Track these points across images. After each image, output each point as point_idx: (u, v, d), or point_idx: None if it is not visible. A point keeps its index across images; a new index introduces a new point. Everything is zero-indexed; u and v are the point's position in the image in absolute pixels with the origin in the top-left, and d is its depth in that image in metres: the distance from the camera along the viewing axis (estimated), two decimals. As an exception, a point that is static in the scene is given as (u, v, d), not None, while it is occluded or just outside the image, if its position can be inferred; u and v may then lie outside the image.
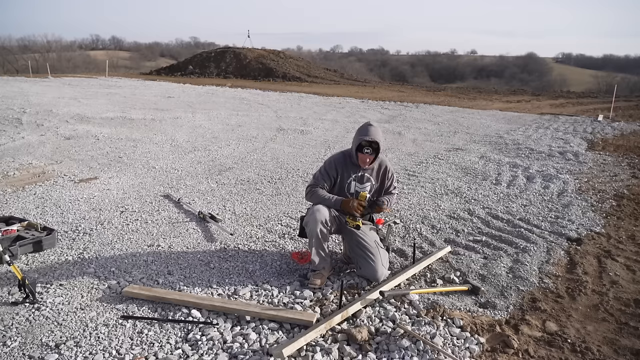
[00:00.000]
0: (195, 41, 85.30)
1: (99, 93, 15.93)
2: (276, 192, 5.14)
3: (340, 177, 3.16)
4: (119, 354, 2.33)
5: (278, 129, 9.38)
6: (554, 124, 10.77)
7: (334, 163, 3.16)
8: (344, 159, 3.17)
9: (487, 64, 66.26)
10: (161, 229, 4.01)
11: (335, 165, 3.15)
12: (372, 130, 3.00)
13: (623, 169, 6.44)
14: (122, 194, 4.96)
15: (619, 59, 71.77)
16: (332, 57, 69.47)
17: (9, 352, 2.32)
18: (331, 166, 3.15)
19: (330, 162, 3.18)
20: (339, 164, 3.16)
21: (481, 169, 6.40)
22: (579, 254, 3.59)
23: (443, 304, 2.81)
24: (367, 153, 3.02)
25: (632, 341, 2.51)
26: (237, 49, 32.10)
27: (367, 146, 3.00)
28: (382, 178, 3.22)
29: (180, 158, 6.68)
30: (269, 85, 22.41)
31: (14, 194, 4.85)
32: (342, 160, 3.17)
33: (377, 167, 3.19)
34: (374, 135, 2.98)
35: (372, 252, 3.04)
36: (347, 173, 3.15)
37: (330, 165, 3.16)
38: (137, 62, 55.88)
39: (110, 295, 2.89)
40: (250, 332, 2.50)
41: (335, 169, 3.14)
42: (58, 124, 9.19)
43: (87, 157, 6.61)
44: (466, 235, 3.99)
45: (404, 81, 34.92)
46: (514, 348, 2.40)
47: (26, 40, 59.79)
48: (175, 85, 21.04)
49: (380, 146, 3.03)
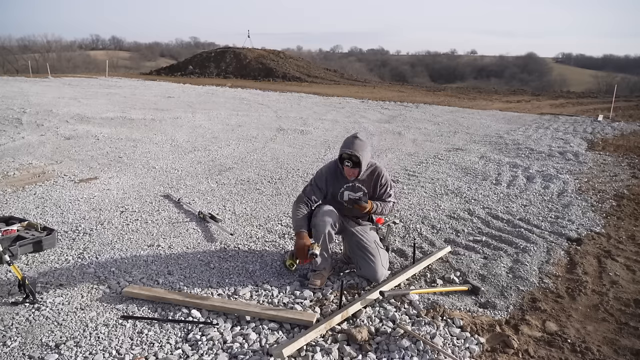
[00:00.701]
0: (195, 41, 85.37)
1: (99, 93, 15.93)
2: (276, 192, 5.14)
3: (332, 188, 3.16)
4: (119, 354, 2.33)
5: (278, 129, 9.38)
6: (554, 124, 10.77)
7: (324, 175, 3.15)
8: (336, 169, 3.15)
9: (487, 64, 66.25)
10: (161, 229, 4.01)
11: (326, 177, 3.14)
12: (356, 143, 2.95)
13: (623, 169, 6.44)
14: (122, 194, 4.96)
15: (619, 59, 71.82)
16: (332, 57, 69.47)
17: (9, 352, 2.33)
18: (321, 178, 3.15)
19: (320, 174, 3.17)
20: (329, 174, 3.14)
21: (481, 169, 6.40)
22: (579, 254, 3.59)
23: (443, 304, 2.81)
24: (348, 166, 2.99)
25: (632, 341, 2.51)
26: (237, 49, 32.08)
27: (347, 159, 2.97)
28: (374, 185, 3.19)
29: (180, 158, 6.68)
30: (269, 85, 22.41)
31: (14, 194, 4.85)
32: (333, 170, 3.15)
33: (368, 175, 3.17)
34: (355, 148, 2.93)
35: (372, 253, 3.04)
36: (339, 183, 3.15)
37: (320, 178, 3.15)
38: (137, 62, 55.86)
39: (110, 295, 2.89)
40: (250, 332, 2.50)
41: (325, 180, 3.14)
42: (58, 124, 9.19)
43: (87, 157, 6.61)
44: (466, 235, 3.99)
45: (404, 81, 34.90)
46: (514, 348, 2.40)
47: (26, 40, 59.84)
48: (175, 85, 21.04)
49: (362, 160, 2.96)
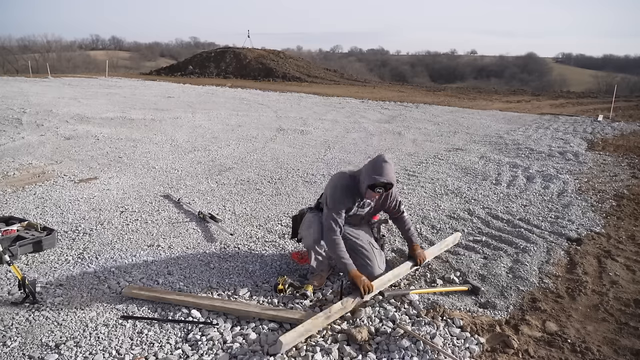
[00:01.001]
0: (195, 41, 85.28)
1: (99, 93, 15.93)
2: (276, 192, 5.15)
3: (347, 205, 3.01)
4: (119, 354, 2.33)
5: (278, 129, 9.38)
6: (554, 124, 10.77)
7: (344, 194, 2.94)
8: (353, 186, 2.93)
9: (487, 64, 66.21)
10: (161, 229, 4.01)
11: (345, 197, 2.95)
12: (387, 169, 2.77)
13: (623, 169, 6.44)
14: (122, 194, 4.96)
15: (619, 59, 71.78)
16: (332, 57, 69.42)
17: (9, 352, 2.33)
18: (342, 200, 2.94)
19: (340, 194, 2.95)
20: (348, 193, 2.95)
21: (481, 169, 6.40)
22: (579, 254, 3.59)
23: (443, 304, 2.81)
24: (379, 192, 2.83)
25: (632, 341, 2.51)
26: (237, 49, 32.06)
27: (380, 186, 2.79)
28: (384, 200, 3.08)
29: (180, 158, 6.68)
30: (269, 85, 22.41)
31: (14, 194, 4.85)
32: (351, 187, 2.94)
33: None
34: (388, 176, 2.76)
35: (367, 255, 3.03)
36: (353, 200, 3.00)
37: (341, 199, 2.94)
38: (137, 62, 55.84)
39: (110, 295, 2.89)
40: (250, 332, 2.50)
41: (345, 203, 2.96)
42: (58, 124, 9.19)
43: (87, 157, 6.61)
44: (466, 236, 3.99)
45: (404, 81, 34.90)
46: (514, 348, 2.40)
47: (26, 40, 59.78)
48: (175, 85, 21.04)
49: (393, 189, 2.88)
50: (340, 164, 6.57)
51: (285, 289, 2.87)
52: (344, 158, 6.95)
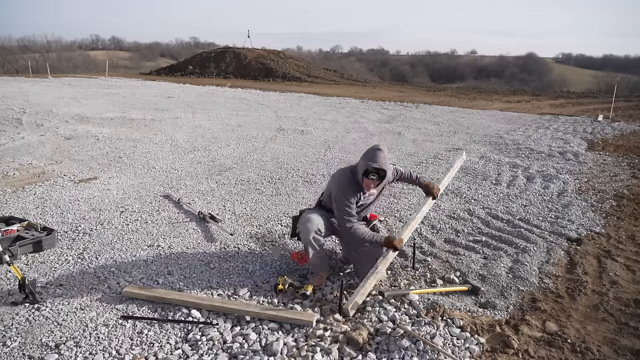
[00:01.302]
0: (195, 41, 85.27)
1: (98, 93, 15.93)
2: (276, 192, 5.15)
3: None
4: (119, 354, 2.33)
5: (278, 129, 9.38)
6: (554, 124, 10.77)
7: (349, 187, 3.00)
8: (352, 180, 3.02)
9: (487, 64, 66.22)
10: (161, 229, 4.01)
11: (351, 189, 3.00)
12: (380, 156, 2.88)
13: (623, 169, 6.44)
14: (122, 194, 4.96)
15: (619, 59, 71.77)
16: (332, 57, 69.41)
17: (9, 352, 2.33)
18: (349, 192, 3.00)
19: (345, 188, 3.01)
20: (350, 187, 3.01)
21: (481, 169, 6.40)
22: (579, 254, 3.59)
23: (443, 304, 2.81)
24: (373, 179, 2.91)
25: (632, 341, 2.51)
26: (237, 49, 32.05)
27: (373, 172, 2.89)
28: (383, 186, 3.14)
29: (180, 158, 6.68)
30: (269, 85, 22.41)
31: (14, 194, 4.85)
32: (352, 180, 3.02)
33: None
34: (381, 162, 2.86)
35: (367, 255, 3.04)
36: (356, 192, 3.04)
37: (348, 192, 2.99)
38: (137, 62, 55.83)
39: (110, 295, 2.89)
40: (250, 332, 2.50)
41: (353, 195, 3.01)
42: (58, 124, 9.19)
43: (87, 157, 6.61)
44: (466, 236, 3.99)
45: (404, 81, 34.89)
46: (514, 348, 2.40)
47: (26, 40, 59.79)
48: (175, 85, 21.03)
49: (387, 174, 2.94)
50: (340, 164, 6.56)
51: (285, 289, 2.87)
52: (344, 158, 6.94)
